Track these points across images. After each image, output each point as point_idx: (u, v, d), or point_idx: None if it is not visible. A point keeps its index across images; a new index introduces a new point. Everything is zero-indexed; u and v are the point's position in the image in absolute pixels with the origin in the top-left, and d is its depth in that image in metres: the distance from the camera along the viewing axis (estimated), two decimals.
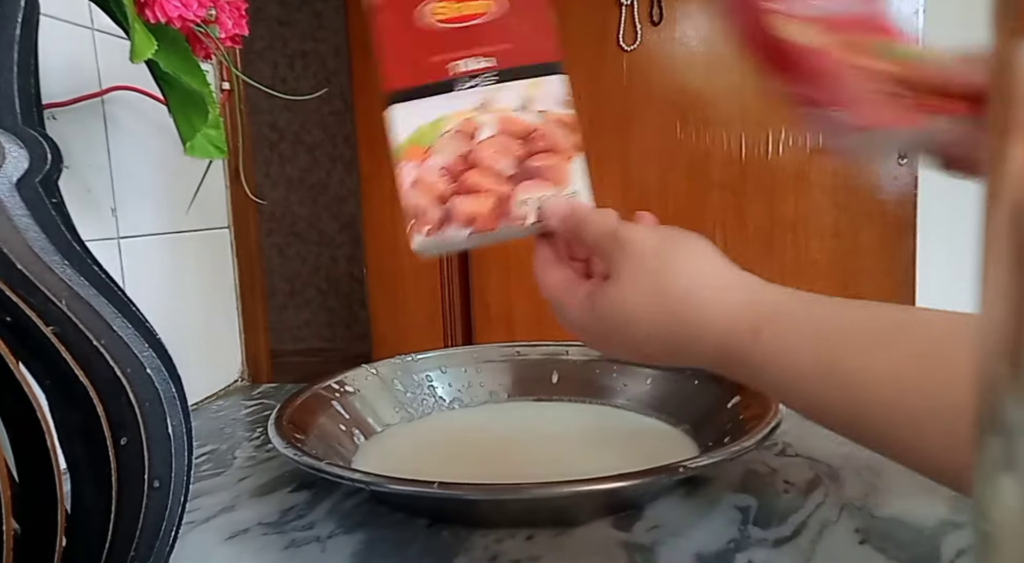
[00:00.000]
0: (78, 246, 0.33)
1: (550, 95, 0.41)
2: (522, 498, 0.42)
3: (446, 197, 0.40)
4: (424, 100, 0.40)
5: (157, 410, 0.33)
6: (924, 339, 0.28)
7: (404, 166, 0.40)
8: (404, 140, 0.40)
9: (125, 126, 0.66)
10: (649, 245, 0.36)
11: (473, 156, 0.40)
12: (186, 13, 0.43)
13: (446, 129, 0.40)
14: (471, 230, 0.40)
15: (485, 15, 0.41)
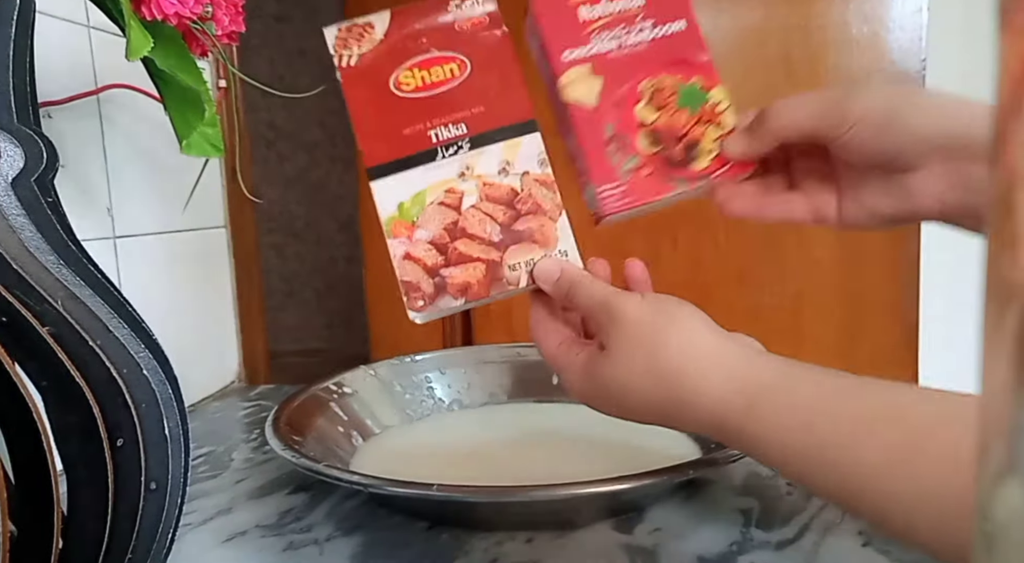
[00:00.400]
0: (74, 246, 0.33)
1: (527, 155, 0.41)
2: (522, 500, 0.42)
3: (436, 269, 0.40)
4: (403, 173, 0.41)
5: (154, 411, 0.32)
6: (914, 427, 0.28)
7: (392, 243, 0.41)
8: (388, 216, 0.41)
9: (121, 124, 0.65)
10: (640, 320, 0.37)
11: (459, 226, 0.41)
12: (182, 10, 0.43)
13: (429, 201, 0.41)
14: (464, 299, 0.41)
15: (453, 80, 0.41)
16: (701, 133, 0.42)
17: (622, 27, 0.42)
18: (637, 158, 0.42)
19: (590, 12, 0.42)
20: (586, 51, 0.42)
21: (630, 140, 0.42)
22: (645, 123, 0.42)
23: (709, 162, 0.42)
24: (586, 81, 0.42)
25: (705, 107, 0.42)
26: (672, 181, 0.42)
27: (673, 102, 0.42)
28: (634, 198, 0.42)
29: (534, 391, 0.66)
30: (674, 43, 0.43)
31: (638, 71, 0.42)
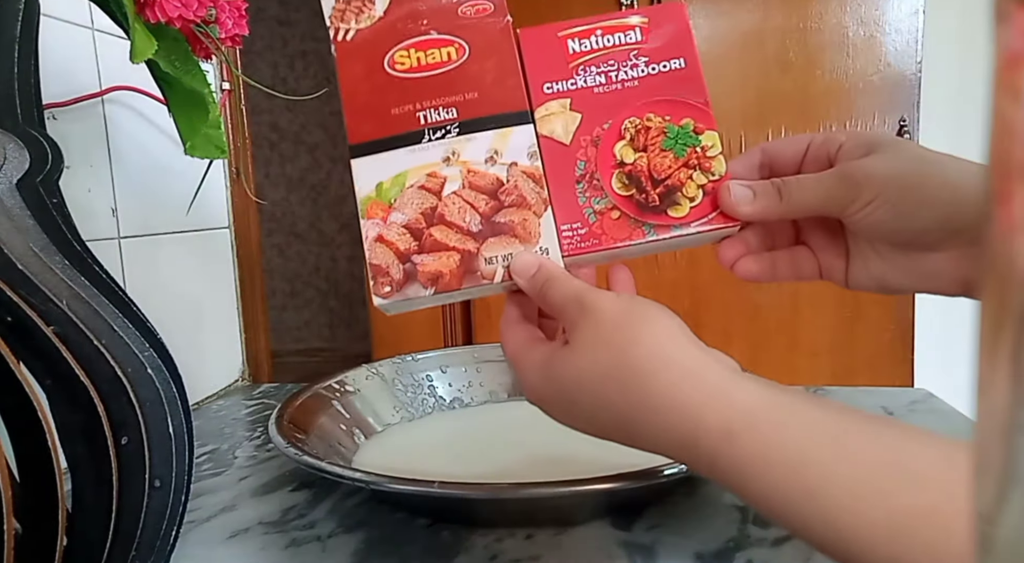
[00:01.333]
0: (79, 246, 0.33)
1: (518, 146, 0.39)
2: (522, 498, 0.42)
3: (408, 255, 0.38)
4: (386, 153, 0.39)
5: (158, 410, 0.33)
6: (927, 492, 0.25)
7: (365, 223, 0.39)
8: (365, 196, 0.39)
9: (125, 126, 0.66)
10: (612, 315, 0.34)
11: (438, 212, 0.38)
12: (186, 13, 0.43)
13: (409, 183, 0.39)
14: (433, 289, 0.38)
15: (449, 63, 0.40)
16: (685, 178, 0.39)
17: (612, 63, 0.40)
18: (607, 199, 0.39)
19: (580, 45, 0.41)
20: (568, 85, 0.40)
21: (603, 180, 0.39)
22: (623, 163, 0.39)
23: (688, 210, 0.39)
24: (562, 116, 0.40)
25: (694, 151, 0.39)
26: (642, 227, 0.39)
27: (658, 143, 0.39)
28: (596, 241, 0.39)
29: None
30: (669, 81, 0.40)
31: (624, 108, 0.40)
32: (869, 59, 1.53)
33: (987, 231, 0.11)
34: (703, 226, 0.39)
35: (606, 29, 0.41)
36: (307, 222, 3.45)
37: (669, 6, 0.42)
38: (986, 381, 0.11)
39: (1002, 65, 0.11)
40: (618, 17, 0.41)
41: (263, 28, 3.29)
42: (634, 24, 0.41)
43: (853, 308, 1.55)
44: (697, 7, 1.56)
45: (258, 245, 0.90)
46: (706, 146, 0.39)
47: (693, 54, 0.41)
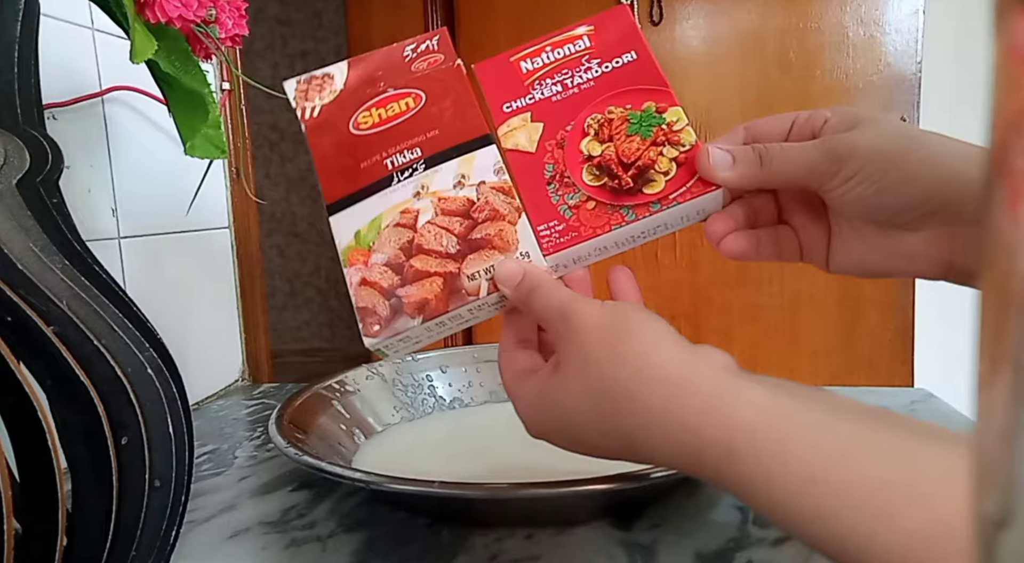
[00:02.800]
0: (79, 246, 0.33)
1: (482, 167, 0.40)
2: (522, 498, 0.42)
3: (392, 290, 0.38)
4: (360, 203, 0.40)
5: (158, 410, 0.33)
6: (940, 509, 0.24)
7: (348, 272, 0.39)
8: (345, 246, 0.39)
9: (125, 126, 0.66)
10: (595, 329, 0.32)
11: (415, 243, 0.38)
12: (186, 13, 0.43)
13: (385, 224, 0.39)
14: (421, 317, 0.37)
15: (408, 112, 0.41)
16: (655, 156, 0.39)
17: (566, 71, 0.41)
18: (580, 193, 0.39)
19: (531, 64, 0.42)
20: (526, 100, 0.41)
21: (573, 176, 0.39)
22: (591, 156, 0.39)
23: (664, 184, 0.38)
24: (525, 128, 0.40)
25: (660, 129, 0.39)
26: (619, 211, 0.38)
27: (623, 130, 0.39)
28: (575, 234, 0.38)
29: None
30: (624, 74, 0.40)
31: (584, 108, 0.40)
32: (869, 59, 1.53)
33: (989, 225, 0.11)
34: (682, 196, 0.38)
35: (555, 44, 0.42)
36: (307, 222, 3.45)
37: (613, 11, 0.43)
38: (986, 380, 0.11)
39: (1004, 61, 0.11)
40: (565, 31, 0.42)
41: (263, 28, 3.29)
42: (581, 34, 0.42)
43: (853, 308, 1.55)
44: (697, 7, 1.56)
45: (258, 245, 0.90)
46: (671, 122, 0.39)
47: (643, 46, 0.41)
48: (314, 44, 3.31)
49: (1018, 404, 0.11)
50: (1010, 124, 0.11)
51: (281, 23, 3.30)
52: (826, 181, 0.36)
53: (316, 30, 3.29)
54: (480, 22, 1.69)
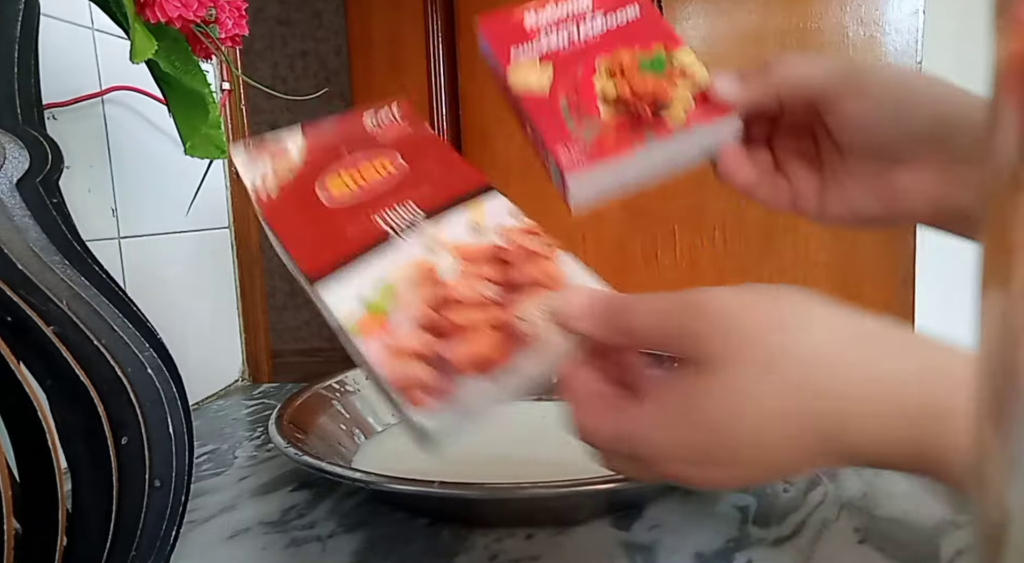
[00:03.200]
0: (79, 246, 0.33)
1: (495, 213, 0.36)
2: (522, 498, 0.42)
3: (433, 352, 0.31)
4: (355, 269, 0.34)
5: (158, 410, 0.33)
6: None
7: (365, 346, 0.31)
8: (352, 322, 0.32)
9: (125, 126, 0.66)
10: (761, 313, 0.26)
11: (446, 296, 0.33)
12: (186, 13, 0.43)
13: (399, 285, 0.33)
14: (479, 373, 0.31)
15: (388, 174, 0.37)
16: (671, 89, 0.39)
17: (572, 24, 0.42)
18: (599, 124, 0.39)
19: (536, 20, 0.42)
20: (535, 48, 0.41)
21: (590, 109, 0.39)
22: (606, 95, 0.39)
23: (683, 115, 0.39)
24: (535, 71, 0.41)
25: (672, 68, 0.40)
26: (642, 133, 0.38)
27: (635, 69, 0.40)
28: (599, 154, 0.37)
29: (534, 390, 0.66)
30: (629, 30, 0.41)
31: (593, 53, 0.41)
32: (869, 59, 1.53)
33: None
34: (699, 118, 0.39)
35: (559, 0, 0.43)
36: None
37: None
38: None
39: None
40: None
41: (263, 28, 3.29)
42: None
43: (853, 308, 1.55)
44: (697, 7, 1.56)
45: (258, 245, 0.90)
46: (684, 61, 0.40)
47: (646, 2, 0.42)
48: (314, 44, 3.31)
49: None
50: None
51: (281, 23, 3.30)
52: (844, 99, 0.36)
53: (316, 30, 3.29)
54: None
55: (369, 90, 1.79)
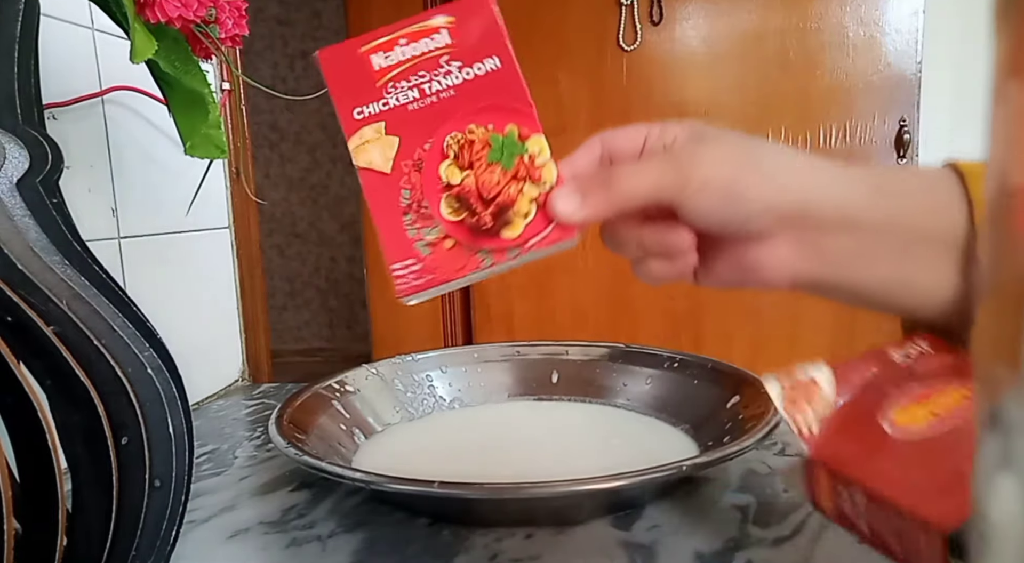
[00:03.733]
0: (79, 246, 0.33)
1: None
2: (522, 497, 0.42)
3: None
4: None
5: (158, 410, 0.33)
6: None
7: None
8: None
9: (125, 126, 0.66)
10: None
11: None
12: (186, 13, 0.43)
13: None
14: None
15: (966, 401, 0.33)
16: (516, 193, 0.37)
17: (422, 74, 0.37)
18: (439, 228, 0.36)
19: (385, 59, 0.37)
20: (380, 106, 0.37)
21: (431, 207, 0.36)
22: (451, 185, 0.37)
23: (523, 229, 0.36)
24: (379, 143, 0.37)
25: (521, 160, 0.37)
26: (476, 254, 0.36)
27: (484, 157, 0.37)
28: (432, 277, 0.36)
29: (534, 389, 0.66)
30: (486, 85, 0.37)
31: (444, 123, 0.37)
32: (869, 59, 1.53)
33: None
34: (539, 243, 0.36)
35: (410, 36, 0.37)
36: (307, 222, 3.45)
37: (471, 1, 0.38)
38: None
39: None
40: (421, 20, 0.38)
41: (263, 28, 3.29)
42: (439, 26, 0.37)
43: (852, 310, 1.55)
44: (697, 7, 1.56)
45: (258, 245, 0.90)
46: (533, 154, 0.37)
47: (506, 50, 0.37)
48: (314, 44, 3.31)
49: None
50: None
51: (281, 23, 3.30)
52: (676, 194, 0.36)
53: (316, 30, 3.29)
54: None
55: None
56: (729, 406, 0.54)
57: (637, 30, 1.59)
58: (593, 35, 1.62)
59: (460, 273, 0.36)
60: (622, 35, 1.60)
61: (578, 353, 0.68)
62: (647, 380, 0.63)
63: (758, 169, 0.36)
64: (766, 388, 0.35)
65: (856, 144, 1.55)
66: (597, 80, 1.62)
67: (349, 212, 3.39)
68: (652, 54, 1.60)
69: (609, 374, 0.65)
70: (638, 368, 0.64)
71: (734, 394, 0.55)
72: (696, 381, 0.60)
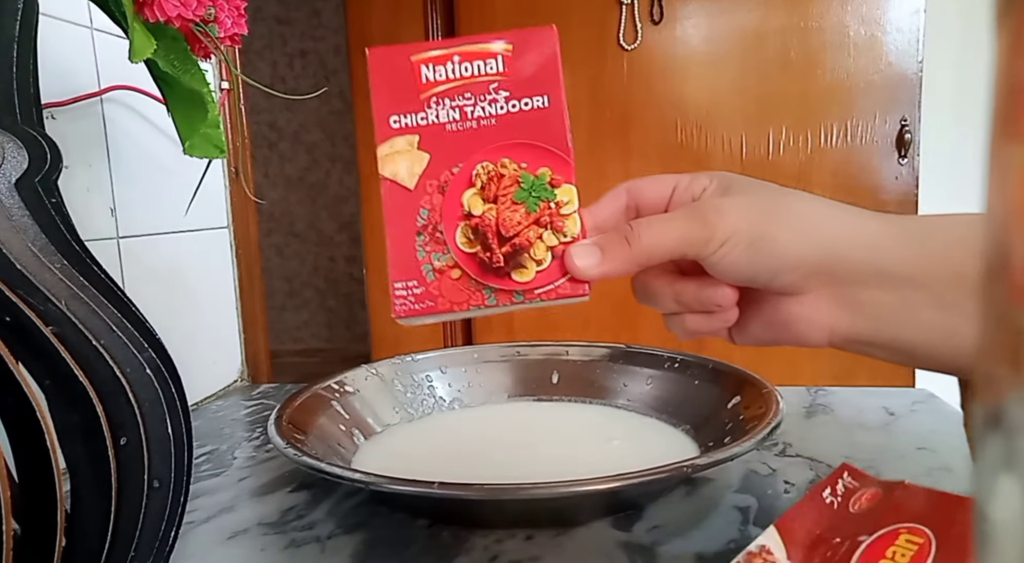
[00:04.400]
0: (78, 246, 0.33)
1: None
2: (522, 498, 0.42)
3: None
4: None
5: (157, 410, 0.33)
6: None
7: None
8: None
9: (124, 126, 0.66)
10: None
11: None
12: (185, 12, 0.43)
13: None
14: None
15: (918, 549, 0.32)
16: (534, 238, 0.36)
17: (468, 96, 0.36)
18: (449, 256, 0.36)
19: (434, 73, 0.37)
20: (417, 119, 0.36)
21: (446, 233, 0.36)
22: (471, 214, 0.36)
23: (534, 275, 0.36)
24: (408, 156, 0.36)
25: (547, 206, 0.36)
26: (481, 291, 0.36)
27: (510, 194, 0.36)
28: (432, 304, 0.36)
29: (534, 390, 0.66)
30: (530, 121, 0.36)
31: (478, 150, 0.36)
32: (870, 59, 1.53)
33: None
34: (547, 293, 0.36)
35: (465, 55, 0.37)
36: (306, 222, 3.45)
37: (538, 31, 0.37)
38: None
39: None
40: (480, 42, 0.37)
41: (262, 27, 3.29)
42: (496, 52, 0.37)
43: None
44: (697, 6, 1.56)
45: (257, 245, 0.90)
46: (561, 202, 0.36)
47: (558, 90, 0.37)
48: (313, 43, 3.31)
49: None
50: None
51: (280, 22, 3.30)
52: (700, 249, 0.35)
53: (315, 29, 3.29)
54: (480, 23, 1.69)
55: (369, 90, 1.78)
56: (730, 406, 0.54)
57: (638, 29, 1.59)
58: (593, 34, 1.62)
59: (460, 306, 0.36)
60: (622, 34, 1.60)
61: (578, 353, 0.68)
62: (648, 380, 0.63)
63: (785, 221, 0.34)
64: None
65: (857, 144, 1.55)
66: (597, 79, 1.62)
67: (348, 212, 3.39)
68: (652, 53, 1.60)
69: (609, 374, 0.65)
70: (639, 368, 0.64)
71: (735, 395, 0.55)
72: (697, 381, 0.59)
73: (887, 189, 1.55)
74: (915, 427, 0.60)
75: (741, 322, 0.38)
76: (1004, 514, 0.12)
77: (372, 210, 1.86)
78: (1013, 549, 0.11)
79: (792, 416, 0.65)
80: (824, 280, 0.35)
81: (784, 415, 0.48)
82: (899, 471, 0.50)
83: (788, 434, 0.59)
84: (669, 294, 0.38)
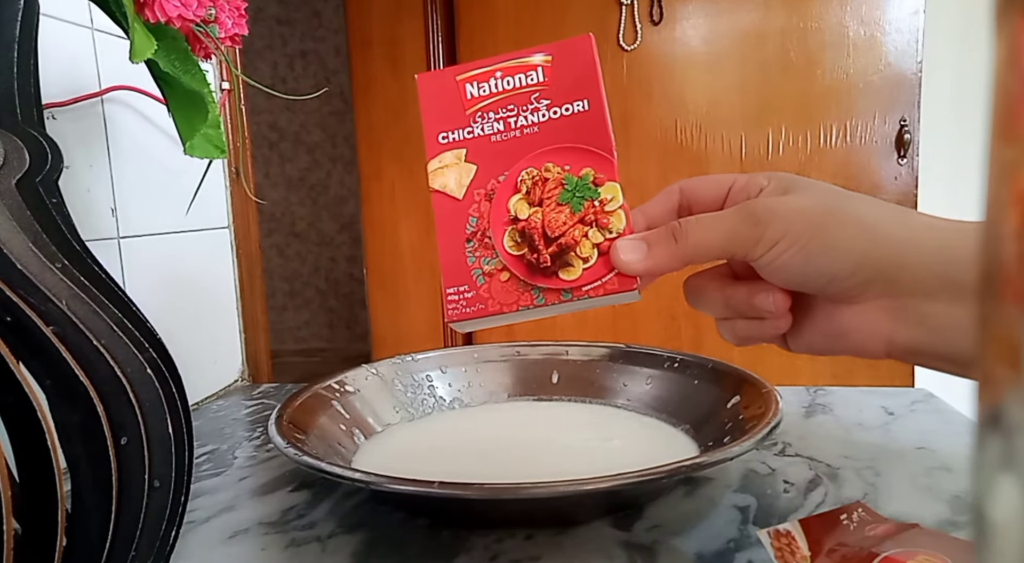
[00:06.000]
0: (78, 246, 0.33)
1: None
2: (522, 498, 0.42)
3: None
4: None
5: (157, 410, 0.33)
6: None
7: None
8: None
9: (125, 126, 0.66)
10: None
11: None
12: (186, 13, 0.43)
13: None
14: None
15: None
16: (580, 236, 0.37)
17: (511, 107, 0.38)
18: (497, 260, 0.37)
19: (478, 89, 0.38)
20: (464, 134, 0.38)
21: (495, 238, 0.37)
22: (517, 219, 0.37)
23: (581, 272, 0.37)
24: (456, 169, 0.38)
25: (591, 205, 0.37)
26: (530, 291, 0.37)
27: (554, 196, 0.37)
28: (483, 307, 0.37)
29: (534, 390, 0.66)
30: (572, 126, 0.37)
31: (523, 157, 0.37)
32: (869, 59, 1.53)
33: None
34: (594, 290, 0.36)
35: (506, 70, 0.38)
36: (307, 222, 3.45)
37: (575, 41, 0.39)
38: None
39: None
40: (520, 56, 0.39)
41: (263, 28, 3.29)
42: (536, 64, 0.38)
43: None
44: (697, 7, 1.56)
45: (258, 245, 0.90)
46: (605, 199, 0.37)
47: (598, 94, 0.38)
48: (314, 43, 3.31)
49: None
50: None
51: (281, 22, 3.30)
52: (750, 250, 0.34)
53: (316, 29, 3.29)
54: (480, 23, 1.69)
55: (369, 90, 1.79)
56: (729, 406, 0.54)
57: (637, 30, 1.59)
58: (593, 35, 1.61)
59: (510, 307, 0.37)
60: (622, 35, 1.60)
61: (578, 353, 0.68)
62: (647, 380, 0.63)
63: (843, 223, 0.33)
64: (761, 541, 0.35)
65: (856, 144, 1.55)
66: None
67: (349, 212, 3.39)
68: (652, 54, 1.60)
69: (609, 374, 0.65)
70: (638, 368, 0.64)
71: (734, 394, 0.55)
72: (696, 381, 0.59)
73: (886, 189, 1.55)
74: (914, 427, 0.60)
75: (795, 330, 0.37)
76: (1003, 514, 0.12)
77: (372, 210, 1.86)
78: (1012, 549, 0.11)
79: (791, 416, 0.65)
80: (883, 289, 0.33)
81: (783, 415, 0.48)
82: (899, 471, 0.50)
83: (787, 434, 0.59)
84: (720, 298, 0.38)
